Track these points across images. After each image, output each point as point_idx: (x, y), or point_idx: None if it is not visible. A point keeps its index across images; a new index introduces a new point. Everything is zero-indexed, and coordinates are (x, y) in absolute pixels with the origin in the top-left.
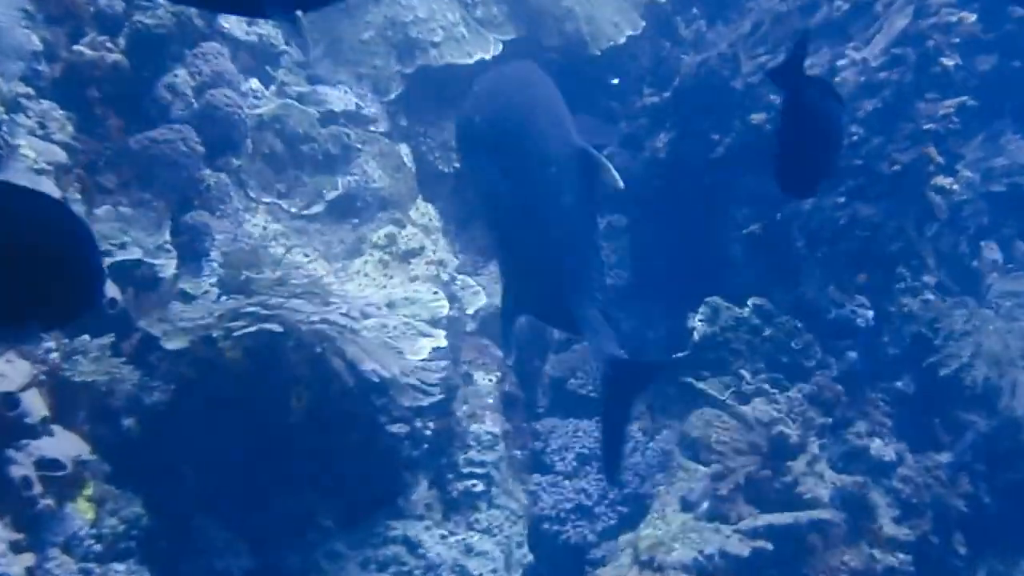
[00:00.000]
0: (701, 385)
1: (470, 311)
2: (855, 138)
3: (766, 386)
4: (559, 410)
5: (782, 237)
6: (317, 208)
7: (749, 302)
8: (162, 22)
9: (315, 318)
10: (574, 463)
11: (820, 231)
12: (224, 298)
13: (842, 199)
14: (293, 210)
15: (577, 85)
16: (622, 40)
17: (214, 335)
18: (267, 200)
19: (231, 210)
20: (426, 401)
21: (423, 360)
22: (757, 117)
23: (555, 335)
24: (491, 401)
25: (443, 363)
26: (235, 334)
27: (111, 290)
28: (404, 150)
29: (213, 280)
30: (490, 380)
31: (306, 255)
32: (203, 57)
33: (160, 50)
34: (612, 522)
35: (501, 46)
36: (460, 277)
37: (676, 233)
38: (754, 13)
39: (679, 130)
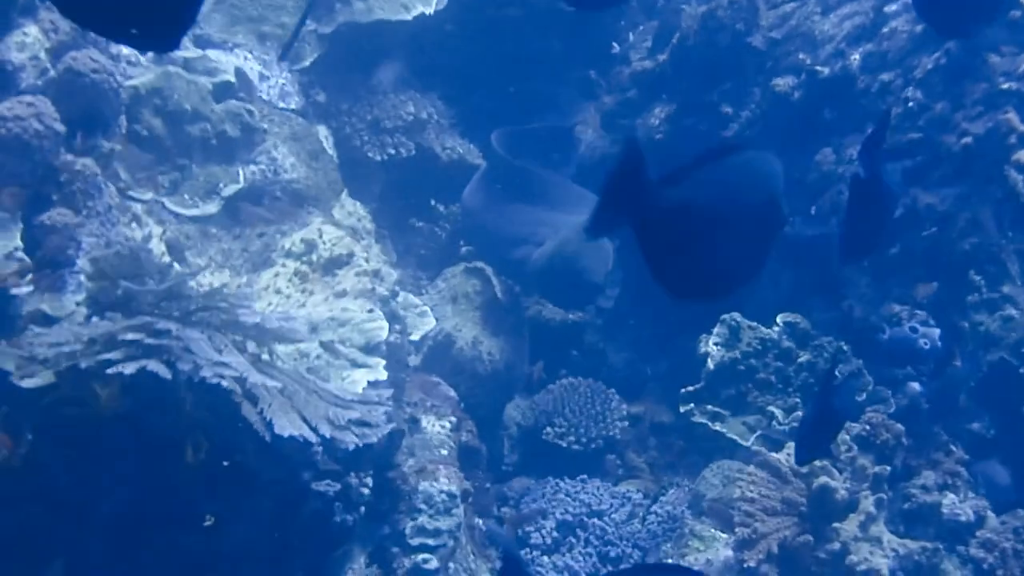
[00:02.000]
0: (718, 427)
1: (415, 337)
2: (911, 105)
3: None
4: (532, 468)
5: (820, 237)
6: (211, 207)
7: (779, 319)
8: None
9: (216, 349)
10: (554, 534)
11: None
12: (95, 319)
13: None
14: (180, 210)
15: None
16: None
17: (83, 366)
18: (146, 197)
19: (101, 207)
20: (366, 440)
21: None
22: (782, 83)
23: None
24: (445, 453)
25: (386, 395)
26: (110, 371)
27: None
28: (323, 131)
29: (80, 297)
30: (443, 427)
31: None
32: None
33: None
34: None
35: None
36: (401, 293)
37: None
38: None
39: (679, 103)
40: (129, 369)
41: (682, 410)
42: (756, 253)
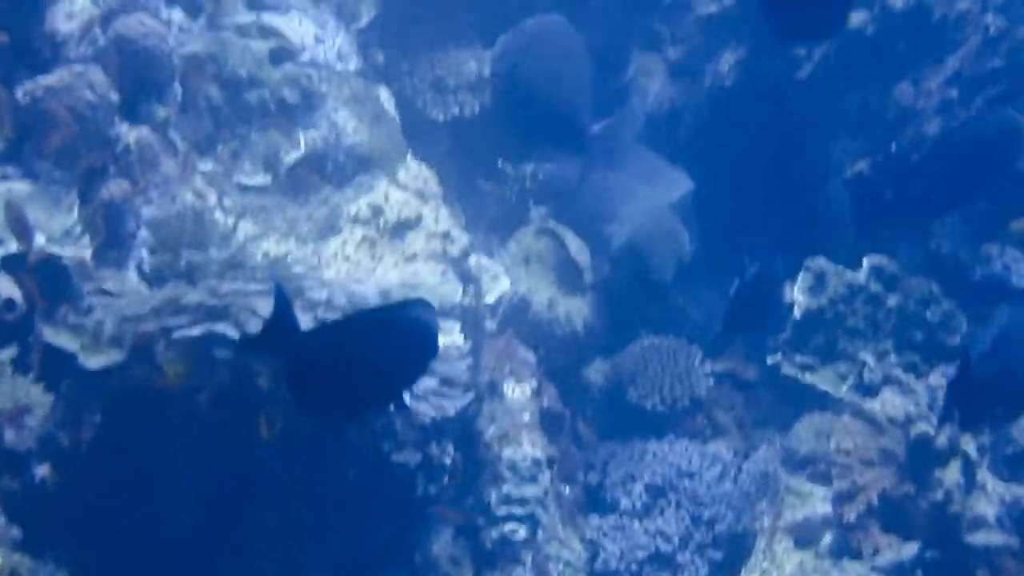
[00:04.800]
0: (809, 378)
1: (490, 300)
2: (991, 33)
3: (898, 372)
4: (617, 430)
5: (900, 176)
6: (273, 175)
7: (865, 262)
8: None
9: None
10: (644, 498)
11: None
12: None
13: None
14: (241, 179)
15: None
16: None
17: (150, 334)
18: (206, 167)
19: (159, 178)
20: (452, 408)
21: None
22: (854, 17)
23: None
24: (527, 419)
25: (464, 360)
26: (175, 336)
27: (6, 287)
28: (384, 93)
29: (144, 270)
30: (523, 392)
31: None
32: None
33: None
34: (703, 572)
35: None
36: (473, 256)
37: (753, 184)
38: None
39: (750, 46)
40: (196, 332)
41: (769, 363)
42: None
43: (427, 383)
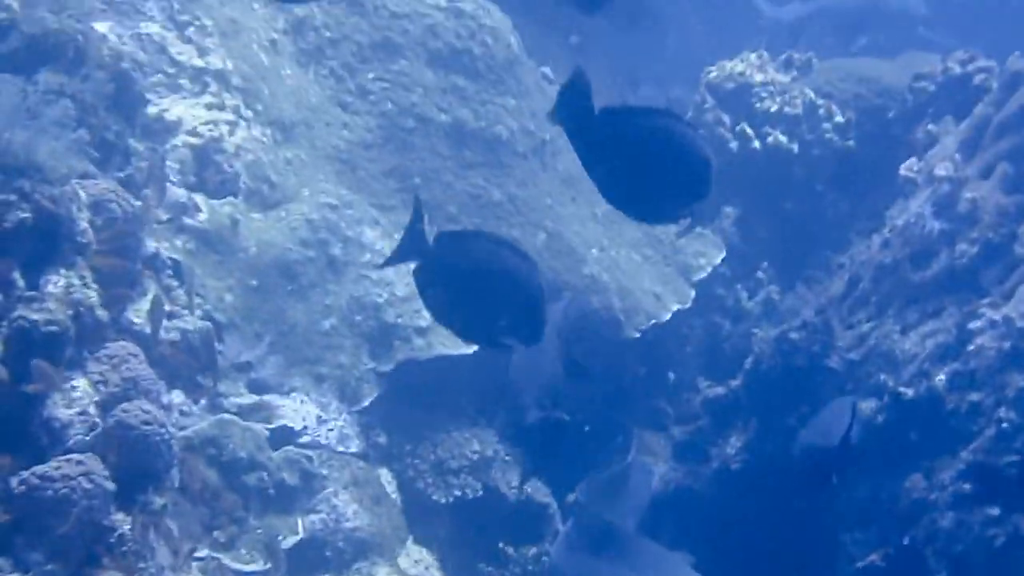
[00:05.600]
0: None
1: None
2: (1004, 426)
3: None
4: None
5: (913, 570)
6: (271, 562)
7: None
8: (53, 317)
9: None
10: None
11: (968, 558)
12: None
13: (996, 511)
14: (238, 566)
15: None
16: (666, 317)
17: None
18: (201, 554)
19: (154, 568)
20: None
21: None
22: (864, 406)
23: None
24: None
25: None
26: None
27: None
28: (385, 475)
29: None
30: None
31: None
32: (109, 361)
33: (51, 355)
34: None
35: None
36: None
37: (762, 573)
38: (847, 268)
39: (757, 430)
40: None
41: None
42: None
43: None
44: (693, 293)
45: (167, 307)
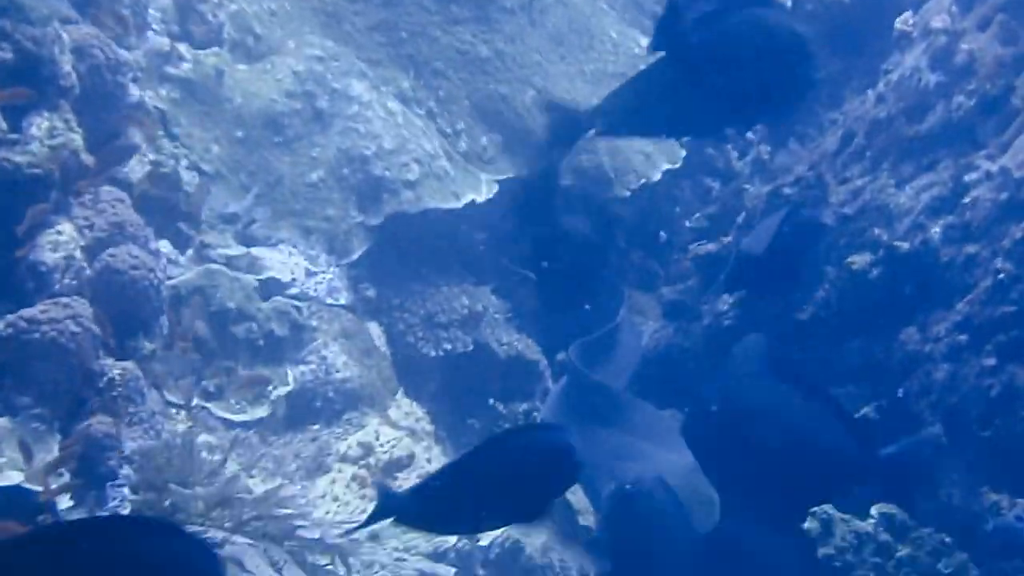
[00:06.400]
0: None
1: (483, 543)
2: (1001, 277)
3: None
4: None
5: (908, 421)
6: (261, 411)
7: (873, 511)
8: (36, 159)
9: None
10: None
11: (963, 410)
12: None
13: (992, 361)
14: (227, 415)
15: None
16: (657, 177)
17: None
18: (191, 403)
19: (144, 413)
20: None
21: None
22: (858, 260)
23: None
24: None
25: None
26: None
27: None
28: (374, 329)
29: (125, 512)
30: None
31: (252, 476)
32: (95, 205)
33: (34, 198)
34: None
35: (496, 187)
36: None
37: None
38: (841, 124)
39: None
40: None
41: None
42: None
43: None
44: (683, 153)
45: (152, 156)
